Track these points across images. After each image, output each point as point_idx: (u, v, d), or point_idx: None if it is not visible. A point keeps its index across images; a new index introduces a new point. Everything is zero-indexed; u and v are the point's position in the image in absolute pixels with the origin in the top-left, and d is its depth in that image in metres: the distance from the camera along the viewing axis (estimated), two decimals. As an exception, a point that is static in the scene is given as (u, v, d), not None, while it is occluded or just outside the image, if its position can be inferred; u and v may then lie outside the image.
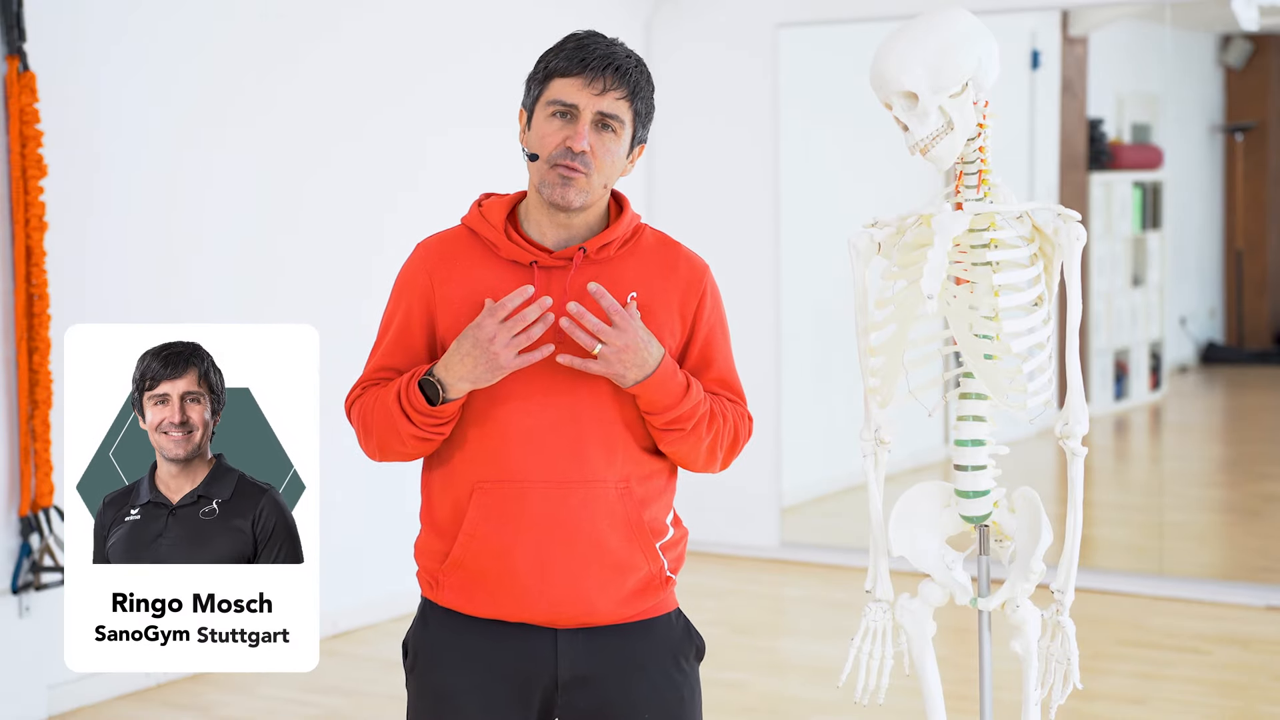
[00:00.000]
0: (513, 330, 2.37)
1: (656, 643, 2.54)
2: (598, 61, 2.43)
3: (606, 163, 2.46)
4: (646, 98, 2.50)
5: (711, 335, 2.56)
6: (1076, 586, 2.79)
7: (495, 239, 2.51)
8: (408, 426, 2.44)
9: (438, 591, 2.55)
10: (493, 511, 2.47)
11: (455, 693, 2.52)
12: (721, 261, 3.72)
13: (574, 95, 2.44)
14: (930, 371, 2.86)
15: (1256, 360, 7.73)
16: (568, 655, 2.50)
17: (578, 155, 2.43)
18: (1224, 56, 7.63)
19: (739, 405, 2.58)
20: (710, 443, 2.51)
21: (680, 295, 2.52)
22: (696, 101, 7.10)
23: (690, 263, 2.56)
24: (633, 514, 2.48)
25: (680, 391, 2.44)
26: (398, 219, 5.97)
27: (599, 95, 2.43)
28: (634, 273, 2.50)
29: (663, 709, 2.53)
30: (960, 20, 2.60)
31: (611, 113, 2.44)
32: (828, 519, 7.24)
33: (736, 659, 5.42)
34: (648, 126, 2.52)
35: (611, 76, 2.44)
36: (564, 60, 2.45)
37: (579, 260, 2.49)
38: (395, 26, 6.01)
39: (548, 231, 2.51)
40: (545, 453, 2.46)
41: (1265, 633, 5.70)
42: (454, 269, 2.51)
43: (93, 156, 4.99)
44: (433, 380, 2.42)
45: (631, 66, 2.46)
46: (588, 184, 2.45)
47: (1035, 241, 2.68)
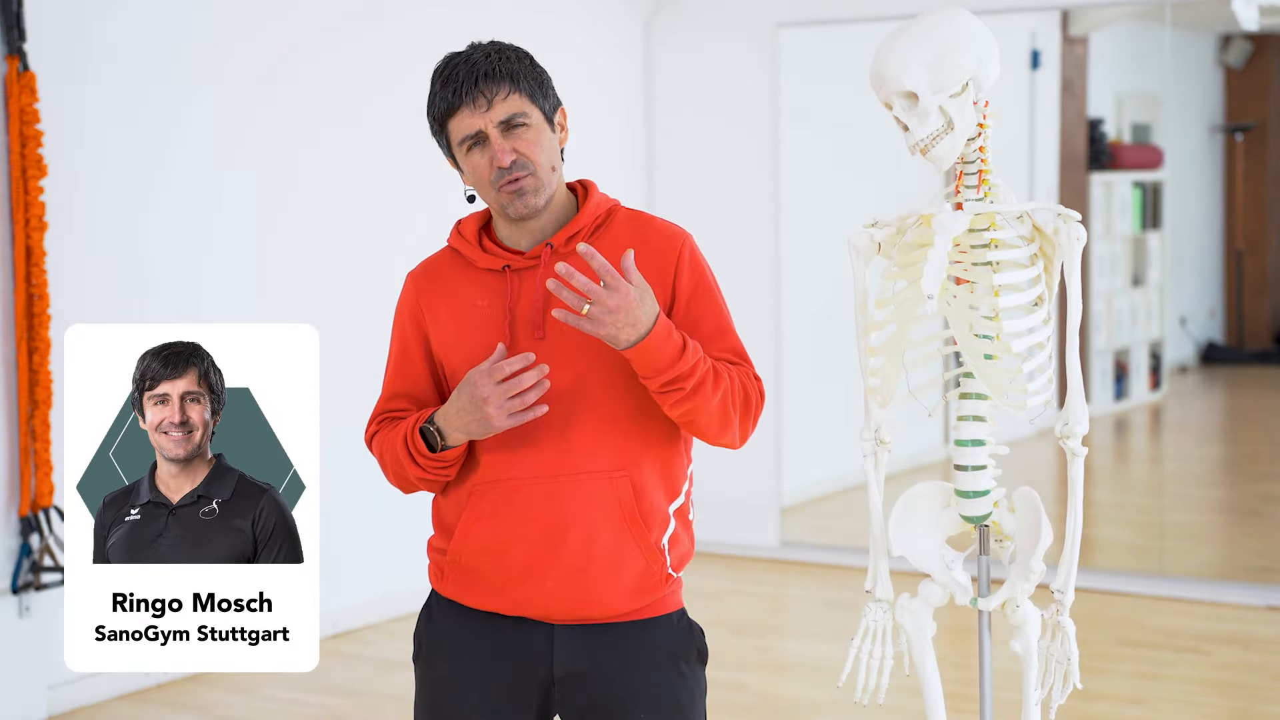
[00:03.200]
0: (508, 393, 2.38)
1: (654, 643, 2.53)
2: (466, 84, 2.45)
3: (538, 153, 2.47)
4: (530, 75, 2.49)
5: (694, 298, 2.52)
6: (1076, 586, 2.79)
7: (470, 253, 2.54)
8: (414, 469, 2.49)
9: (443, 583, 2.58)
10: (486, 512, 2.49)
11: (456, 683, 2.54)
12: (722, 261, 3.72)
13: (471, 124, 2.46)
14: (930, 371, 2.86)
15: (1256, 360, 7.73)
16: (564, 651, 2.51)
17: (509, 168, 2.45)
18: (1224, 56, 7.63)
19: (744, 366, 2.53)
20: (720, 403, 2.44)
21: (656, 266, 2.51)
22: (696, 101, 7.10)
23: (662, 232, 2.55)
24: (628, 505, 2.47)
25: (676, 351, 2.38)
26: (398, 219, 5.97)
27: (489, 110, 2.45)
28: (606, 255, 2.48)
29: (658, 711, 2.51)
30: (960, 20, 2.60)
31: (509, 115, 2.46)
32: (828, 519, 7.24)
33: (736, 659, 5.42)
34: (549, 93, 2.52)
35: (487, 86, 2.45)
36: (442, 101, 2.48)
37: (547, 257, 2.50)
38: (398, 28, 6.01)
39: (519, 237, 2.54)
40: (533, 449, 2.46)
41: (1265, 633, 5.70)
42: (439, 289, 2.55)
43: (93, 156, 4.99)
44: (433, 429, 2.46)
45: (498, 63, 2.47)
46: (537, 183, 2.47)
47: (1035, 241, 2.68)
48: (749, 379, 2.52)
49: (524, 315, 2.49)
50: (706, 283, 2.55)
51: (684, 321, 2.51)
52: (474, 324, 2.51)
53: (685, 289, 2.52)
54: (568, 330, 2.46)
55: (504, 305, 2.50)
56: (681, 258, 2.53)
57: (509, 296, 2.49)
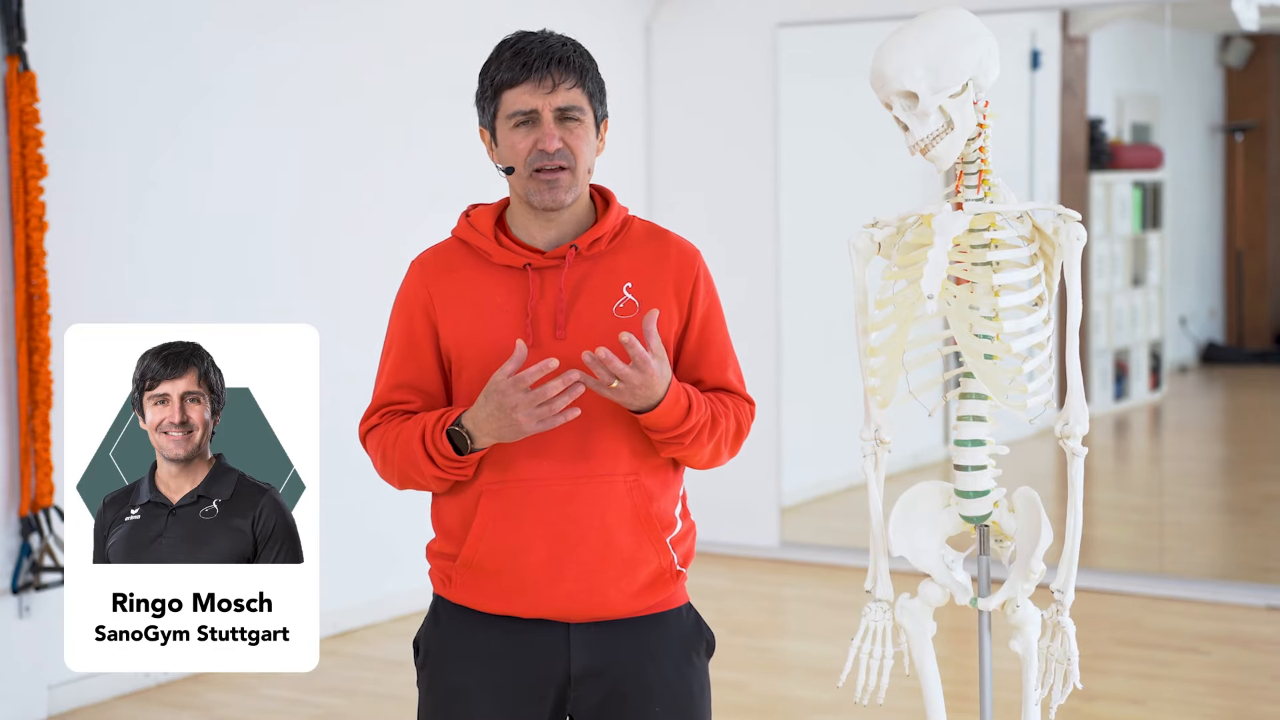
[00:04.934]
0: (535, 401, 2.37)
1: (668, 636, 2.56)
2: (539, 61, 2.45)
3: (581, 151, 2.48)
4: (595, 76, 2.52)
5: (708, 318, 2.57)
6: (1076, 586, 2.79)
7: (487, 247, 2.53)
8: (431, 469, 2.46)
9: (450, 588, 2.55)
10: (502, 513, 2.48)
11: (468, 689, 2.53)
12: (721, 262, 3.72)
13: (529, 101, 2.45)
14: (930, 371, 2.86)
15: (1256, 360, 7.73)
16: (580, 649, 2.51)
17: (553, 155, 2.45)
18: (1224, 56, 7.63)
19: (738, 396, 2.59)
20: (713, 449, 2.53)
21: (674, 281, 2.53)
22: (696, 101, 7.10)
23: (681, 249, 2.58)
24: (641, 507, 2.50)
25: (681, 414, 2.45)
26: (399, 218, 5.97)
27: (551, 93, 2.45)
28: (626, 264, 2.52)
29: (672, 701, 2.54)
30: (960, 20, 2.60)
31: (569, 105, 2.46)
32: (828, 519, 7.24)
33: (736, 659, 5.42)
34: (605, 102, 2.55)
35: (558, 71, 2.45)
36: (507, 71, 2.47)
37: (571, 258, 2.50)
38: (399, 26, 6.01)
39: (536, 233, 2.53)
40: (551, 450, 2.47)
41: (1265, 633, 5.70)
42: (451, 280, 2.53)
43: (93, 156, 4.99)
44: (462, 431, 2.44)
45: (571, 53, 2.48)
46: (572, 179, 2.47)
47: (1035, 241, 2.68)
48: (742, 410, 2.58)
49: (546, 315, 2.48)
50: (718, 305, 2.61)
51: (696, 342, 2.56)
52: (492, 319, 2.50)
53: (701, 309, 2.56)
54: (588, 331, 2.47)
55: (524, 303, 2.49)
56: (699, 277, 2.57)
57: (530, 295, 2.49)
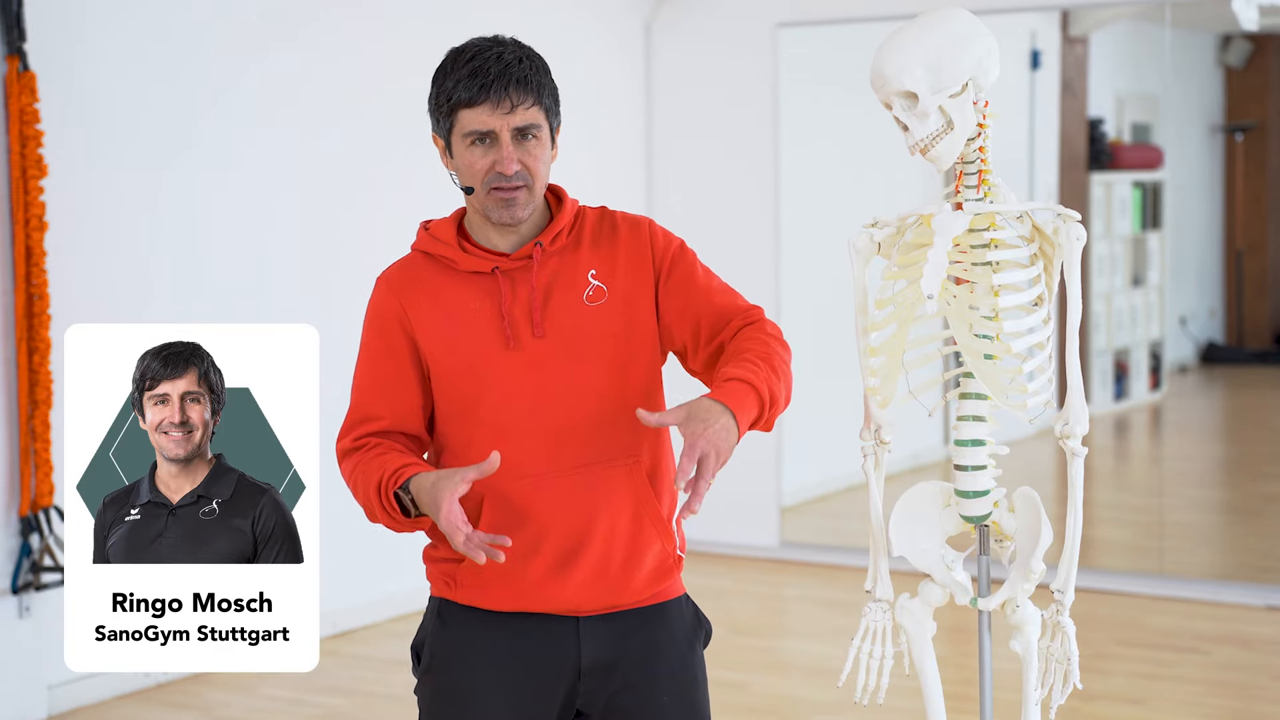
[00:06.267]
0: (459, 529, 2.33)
1: (672, 625, 2.58)
2: (497, 83, 2.43)
3: (539, 166, 2.49)
4: (550, 89, 2.51)
5: (676, 261, 2.56)
6: (1076, 586, 2.78)
7: (453, 255, 2.54)
8: (385, 519, 2.47)
9: (456, 590, 2.55)
10: (507, 514, 2.48)
11: (477, 690, 2.52)
12: (722, 262, 3.72)
13: (486, 122, 2.45)
14: (930, 371, 2.86)
15: (1256, 360, 7.73)
16: (590, 641, 2.52)
17: (511, 176, 2.45)
18: (1224, 56, 7.63)
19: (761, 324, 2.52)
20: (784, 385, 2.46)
21: (631, 252, 2.55)
22: (696, 102, 7.10)
23: (629, 221, 2.59)
24: (642, 488, 2.51)
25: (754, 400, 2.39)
26: (399, 219, 5.96)
27: (510, 114, 2.44)
28: (587, 252, 2.54)
29: (679, 690, 2.56)
30: (960, 20, 2.60)
31: (527, 124, 2.46)
32: (828, 519, 7.24)
33: (736, 659, 5.42)
34: (559, 107, 2.54)
35: (515, 92, 2.44)
36: (464, 91, 2.44)
37: (539, 256, 2.52)
38: (398, 27, 6.01)
39: (498, 239, 2.54)
40: (549, 445, 2.48)
41: (1265, 633, 5.70)
42: (421, 291, 2.54)
43: (93, 156, 4.99)
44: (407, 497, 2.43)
45: (529, 71, 2.46)
46: (530, 196, 2.49)
47: (1035, 241, 2.68)
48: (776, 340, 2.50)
49: (522, 315, 2.50)
50: (685, 249, 2.59)
51: (675, 285, 2.54)
52: (467, 326, 2.51)
53: (665, 259, 2.56)
54: (566, 327, 2.49)
55: (497, 306, 2.50)
56: (651, 236, 2.57)
57: (503, 298, 2.50)
